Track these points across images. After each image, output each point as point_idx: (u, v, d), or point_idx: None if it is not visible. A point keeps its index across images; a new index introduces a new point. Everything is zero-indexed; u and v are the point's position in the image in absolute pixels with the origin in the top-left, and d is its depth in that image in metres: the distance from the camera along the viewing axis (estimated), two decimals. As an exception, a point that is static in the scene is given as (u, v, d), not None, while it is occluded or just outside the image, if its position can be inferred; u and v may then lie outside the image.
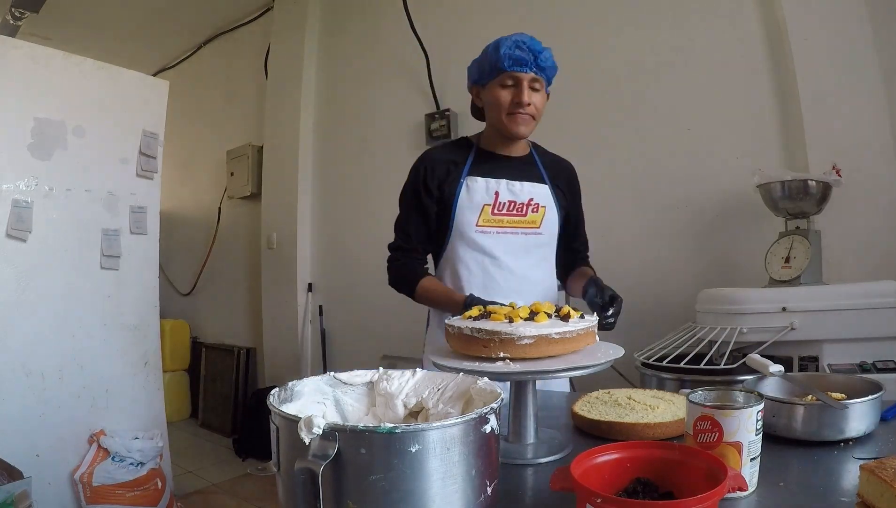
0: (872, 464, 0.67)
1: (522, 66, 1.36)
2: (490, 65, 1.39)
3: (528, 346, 0.92)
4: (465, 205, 1.45)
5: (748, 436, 0.73)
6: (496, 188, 1.45)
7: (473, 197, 1.45)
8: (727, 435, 0.72)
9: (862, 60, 2.02)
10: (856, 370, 1.59)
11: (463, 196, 1.45)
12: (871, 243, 2.01)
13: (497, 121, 1.43)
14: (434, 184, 1.47)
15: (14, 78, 2.21)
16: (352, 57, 3.67)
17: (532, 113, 1.40)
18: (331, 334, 3.71)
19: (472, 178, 1.46)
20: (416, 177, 1.50)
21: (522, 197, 1.47)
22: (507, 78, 1.38)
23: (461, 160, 1.49)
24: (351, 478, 0.60)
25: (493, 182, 1.46)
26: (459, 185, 1.45)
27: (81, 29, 4.10)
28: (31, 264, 2.25)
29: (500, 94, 1.39)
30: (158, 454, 2.53)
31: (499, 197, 1.45)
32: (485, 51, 1.43)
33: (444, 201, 1.47)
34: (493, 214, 1.45)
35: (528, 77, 1.37)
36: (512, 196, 1.46)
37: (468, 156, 1.49)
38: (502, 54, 1.35)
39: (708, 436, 0.73)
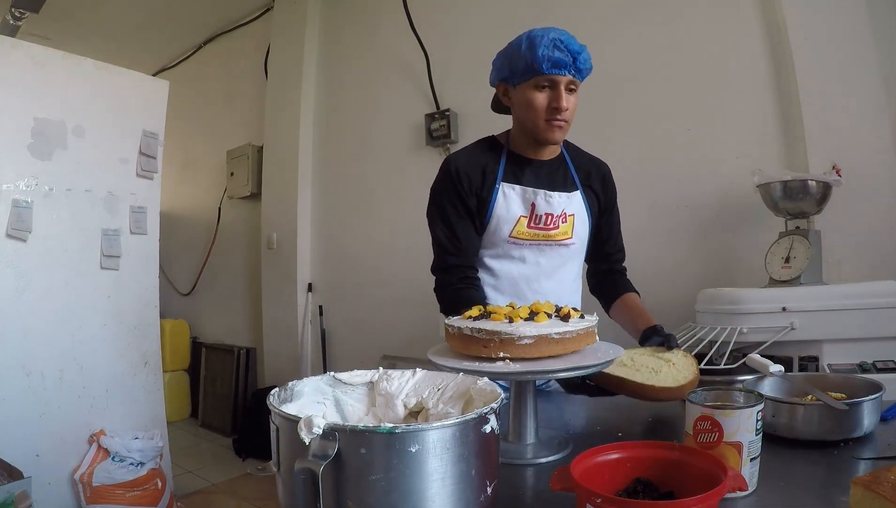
0: (866, 478, 0.64)
1: (561, 68, 1.25)
2: (525, 64, 1.27)
3: (528, 346, 0.92)
4: (503, 215, 1.35)
5: (748, 436, 0.73)
6: (533, 200, 1.36)
7: (510, 206, 1.36)
8: (727, 435, 0.73)
9: (862, 60, 2.02)
10: (856, 370, 1.59)
11: (500, 204, 1.36)
12: (871, 243, 2.01)
13: (532, 125, 1.33)
14: (472, 189, 1.36)
15: (14, 78, 2.21)
16: (352, 57, 3.67)
17: (567, 118, 1.32)
18: (331, 334, 3.71)
19: (508, 185, 1.36)
20: (451, 182, 1.37)
21: (557, 209, 1.38)
22: (542, 80, 1.27)
23: (494, 164, 1.38)
24: (351, 478, 0.60)
25: (531, 192, 1.36)
26: (495, 191, 1.35)
27: (81, 29, 4.10)
28: (31, 264, 2.25)
29: (536, 97, 1.29)
30: (158, 454, 2.53)
31: (535, 209, 1.36)
32: (517, 46, 1.30)
33: (480, 207, 1.37)
34: (528, 226, 1.36)
35: (566, 80, 1.27)
36: (549, 208, 1.37)
37: (500, 159, 1.39)
38: (540, 55, 1.24)
39: (708, 436, 0.74)
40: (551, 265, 1.42)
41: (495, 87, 1.41)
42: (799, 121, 2.13)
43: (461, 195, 1.36)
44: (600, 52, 2.64)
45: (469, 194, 1.36)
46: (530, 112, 1.31)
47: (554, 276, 1.43)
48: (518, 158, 1.40)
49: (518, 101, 1.34)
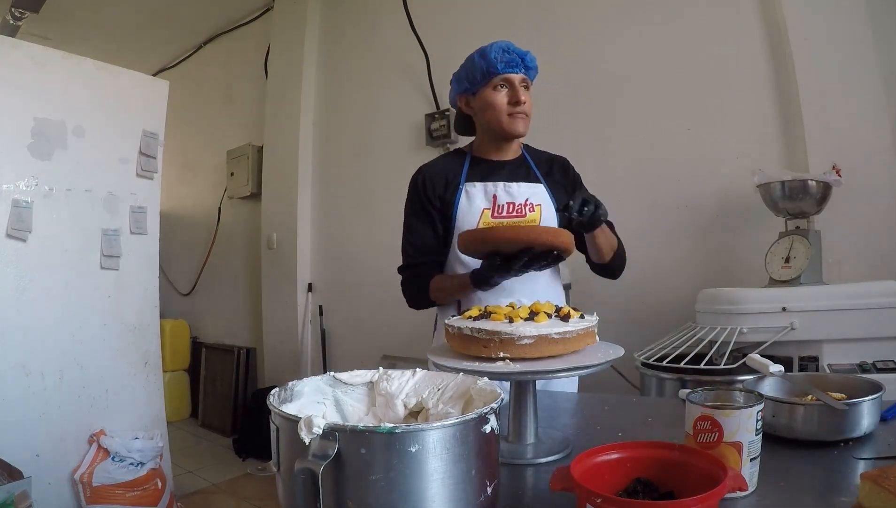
0: (874, 473, 0.65)
1: (514, 67, 1.42)
2: (481, 71, 1.43)
3: (528, 346, 0.92)
4: (465, 211, 1.47)
5: (748, 436, 0.73)
6: (494, 191, 1.48)
7: (473, 202, 1.47)
8: (727, 435, 0.73)
9: (862, 60, 2.02)
10: (856, 370, 1.60)
11: (463, 203, 1.47)
12: (871, 243, 2.01)
13: (496, 123, 1.46)
14: (434, 194, 1.50)
15: (14, 78, 2.21)
16: (352, 57, 3.67)
17: (527, 111, 1.46)
18: (331, 334, 3.71)
19: (469, 183, 1.49)
20: (416, 190, 1.53)
21: (520, 198, 1.48)
22: (499, 81, 1.43)
23: (457, 169, 1.52)
24: (351, 478, 0.60)
25: (491, 185, 1.48)
26: (459, 192, 1.48)
27: (81, 29, 4.10)
28: (31, 264, 2.25)
29: (496, 96, 1.44)
30: (158, 454, 2.53)
31: (497, 200, 1.47)
32: (470, 60, 1.46)
33: (445, 210, 1.49)
34: (493, 217, 1.46)
35: (519, 77, 1.43)
36: (509, 197, 1.47)
37: (463, 164, 1.53)
38: (493, 59, 1.41)
39: (708, 436, 0.73)
40: None
41: (456, 105, 1.55)
42: (799, 121, 2.13)
43: (422, 201, 1.51)
44: (600, 52, 2.66)
45: (432, 198, 1.50)
46: (493, 111, 1.45)
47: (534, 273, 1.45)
48: (481, 161, 1.53)
49: (480, 106, 1.48)
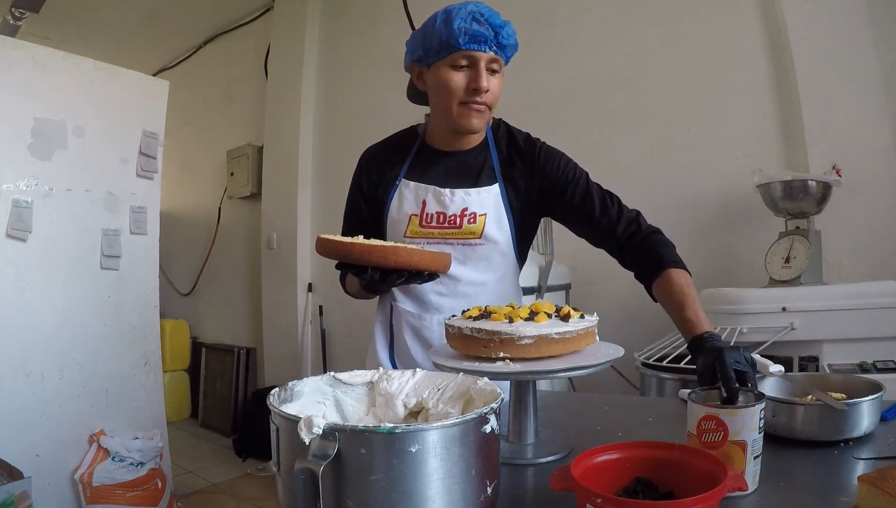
0: (872, 475, 0.64)
1: (481, 43, 1.11)
2: (439, 41, 1.12)
3: (528, 346, 0.92)
4: (395, 213, 1.28)
5: (752, 434, 0.73)
6: (424, 197, 1.25)
7: (402, 205, 1.27)
8: (732, 434, 0.73)
9: (862, 60, 2.02)
10: (856, 370, 1.60)
11: (394, 204, 1.28)
12: (871, 243, 2.01)
13: (445, 111, 1.19)
14: (368, 187, 1.32)
15: (14, 78, 2.21)
16: (352, 57, 3.67)
17: (489, 102, 1.17)
18: (331, 334, 3.71)
19: (405, 182, 1.27)
20: (357, 174, 1.36)
21: (453, 208, 1.23)
22: (460, 58, 1.13)
23: (399, 162, 1.30)
24: (351, 478, 0.60)
25: (423, 189, 1.25)
26: (393, 190, 1.28)
27: (81, 29, 4.10)
28: (31, 264, 2.25)
29: (452, 77, 1.14)
30: (158, 454, 2.53)
31: (426, 207, 1.25)
32: (430, 22, 1.16)
33: (377, 208, 1.31)
34: (421, 225, 1.25)
35: (487, 57, 1.13)
36: (440, 207, 1.23)
37: (408, 155, 1.30)
38: (456, 29, 1.10)
39: (713, 436, 0.73)
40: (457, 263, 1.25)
41: (409, 71, 1.27)
42: (799, 121, 2.13)
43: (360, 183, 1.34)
44: (600, 52, 2.66)
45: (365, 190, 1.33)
46: (445, 95, 1.16)
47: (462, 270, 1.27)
48: (429, 151, 1.29)
49: (432, 83, 1.19)
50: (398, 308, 1.33)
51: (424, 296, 1.29)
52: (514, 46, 1.17)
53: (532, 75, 2.78)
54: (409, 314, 1.31)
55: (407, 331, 1.32)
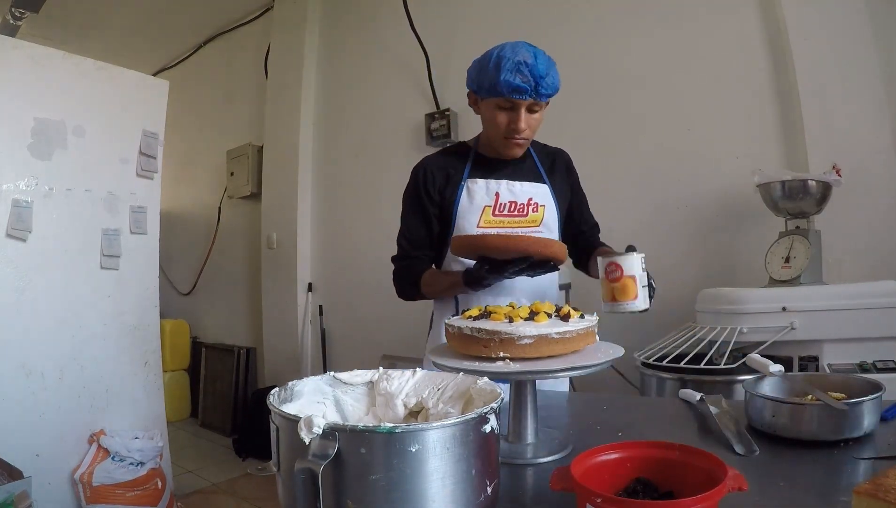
0: (867, 487, 0.62)
1: (522, 94, 1.30)
2: (489, 83, 1.32)
3: (528, 346, 0.92)
4: (466, 208, 1.43)
5: (638, 272, 1.11)
6: (496, 189, 1.44)
7: (474, 199, 1.43)
8: (626, 271, 1.10)
9: (862, 60, 2.02)
10: (856, 370, 1.60)
11: (464, 199, 1.44)
12: (871, 243, 2.01)
13: (493, 139, 1.42)
14: (434, 189, 1.46)
15: (14, 78, 2.21)
16: (352, 57, 3.67)
17: (528, 136, 1.39)
18: (331, 334, 3.71)
19: (472, 180, 1.45)
20: (416, 184, 1.49)
21: (522, 197, 1.45)
22: (504, 101, 1.33)
23: (460, 165, 1.47)
24: (351, 478, 0.60)
25: (494, 183, 1.44)
26: (460, 188, 1.44)
27: (81, 29, 4.10)
28: (31, 264, 2.25)
29: (497, 116, 1.36)
30: (158, 454, 2.53)
31: (499, 198, 1.44)
32: (486, 62, 1.34)
33: (445, 206, 1.45)
34: (494, 215, 1.43)
35: (527, 103, 1.33)
36: (512, 196, 1.44)
37: (467, 160, 1.48)
38: (502, 80, 1.28)
39: (615, 273, 1.11)
40: None
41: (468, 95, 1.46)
42: (799, 121, 2.13)
43: (421, 195, 1.47)
44: (600, 52, 2.66)
45: (432, 193, 1.46)
46: (492, 128, 1.39)
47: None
48: (484, 159, 1.48)
49: (483, 113, 1.42)
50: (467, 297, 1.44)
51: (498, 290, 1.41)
52: (553, 91, 1.34)
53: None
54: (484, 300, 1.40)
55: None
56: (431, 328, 1.59)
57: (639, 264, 1.11)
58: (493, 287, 1.39)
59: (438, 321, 1.55)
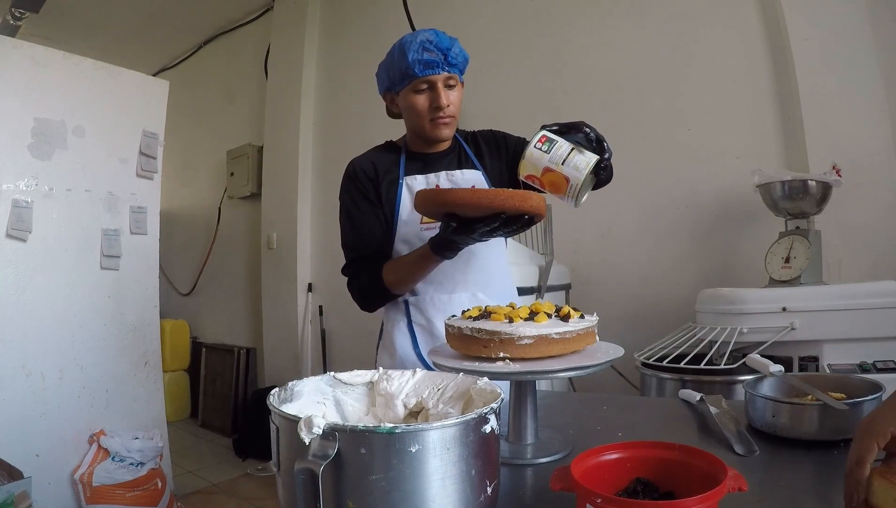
0: (882, 468, 0.64)
1: (434, 68, 1.29)
2: (400, 72, 1.31)
3: (528, 346, 0.92)
4: (408, 208, 1.36)
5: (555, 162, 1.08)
6: (436, 182, 1.38)
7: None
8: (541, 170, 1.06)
9: (862, 60, 2.02)
10: (856, 370, 1.60)
11: (405, 199, 1.37)
12: (871, 243, 2.01)
13: (419, 128, 1.37)
14: (370, 185, 1.40)
15: (14, 78, 2.21)
16: (352, 57, 3.67)
17: (452, 113, 1.35)
18: (331, 334, 3.71)
19: (410, 177, 1.39)
20: (353, 182, 1.42)
21: (465, 185, 1.38)
22: (420, 83, 1.31)
23: (394, 164, 1.42)
24: (351, 478, 0.60)
25: (433, 176, 1.39)
26: (399, 187, 1.38)
27: (81, 29, 4.10)
28: (31, 264, 2.25)
29: (417, 100, 1.33)
30: (158, 454, 2.53)
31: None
32: (390, 55, 1.35)
33: (385, 206, 1.39)
34: None
35: (442, 77, 1.31)
36: (454, 185, 1.38)
37: (399, 159, 1.42)
38: (411, 60, 1.28)
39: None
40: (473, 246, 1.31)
41: (384, 98, 1.44)
42: (799, 121, 2.13)
43: (361, 190, 1.40)
44: (600, 52, 2.66)
45: (368, 187, 1.40)
46: (414, 116, 1.35)
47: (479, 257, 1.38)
48: (417, 155, 1.44)
49: (403, 106, 1.38)
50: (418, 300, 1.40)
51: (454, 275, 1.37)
52: (464, 61, 1.34)
53: (533, 76, 2.79)
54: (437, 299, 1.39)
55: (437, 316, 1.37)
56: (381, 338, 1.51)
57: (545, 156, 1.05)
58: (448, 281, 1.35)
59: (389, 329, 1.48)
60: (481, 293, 1.39)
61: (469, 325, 0.97)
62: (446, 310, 1.36)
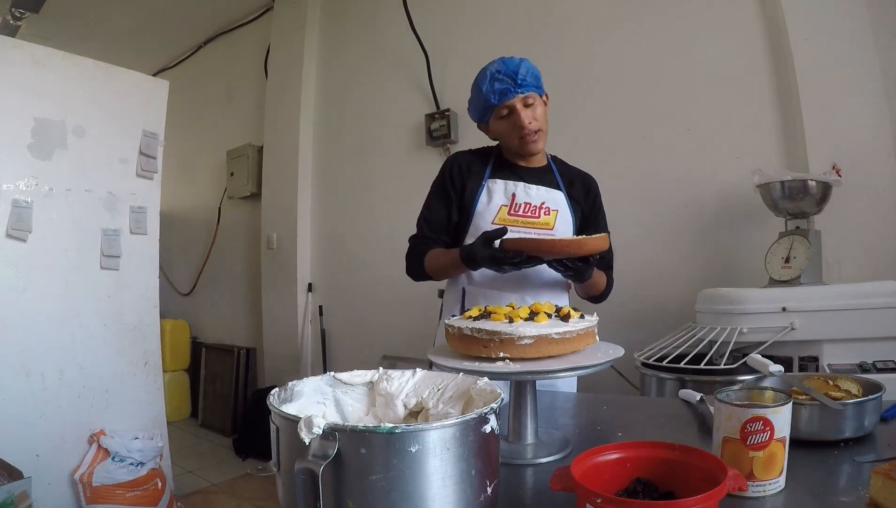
0: (886, 468, 0.65)
1: (507, 94, 1.42)
2: (482, 105, 1.47)
3: (528, 346, 0.92)
4: (484, 205, 1.51)
5: (787, 430, 0.75)
6: (514, 190, 1.51)
7: (492, 198, 1.51)
8: (777, 432, 0.73)
9: (862, 60, 2.02)
10: (856, 370, 1.60)
11: (483, 198, 1.51)
12: (871, 243, 2.01)
13: (512, 147, 1.51)
14: (459, 179, 1.54)
15: (14, 78, 2.21)
16: (352, 57, 3.67)
17: (537, 128, 1.46)
18: (331, 334, 3.71)
19: (492, 180, 1.53)
20: (444, 173, 1.57)
21: (536, 200, 1.51)
22: (500, 110, 1.45)
23: (484, 165, 1.56)
24: (351, 478, 0.60)
25: (512, 184, 1.52)
26: (481, 187, 1.52)
27: (81, 29, 4.10)
28: (31, 264, 2.25)
29: (503, 125, 1.47)
30: (158, 454, 2.53)
31: (515, 198, 1.51)
32: (472, 92, 1.51)
33: (466, 200, 1.53)
34: (509, 214, 1.50)
35: (518, 99, 1.43)
36: (527, 198, 1.51)
37: (490, 161, 1.56)
38: (486, 92, 1.43)
39: (759, 437, 0.73)
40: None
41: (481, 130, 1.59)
42: (799, 121, 2.13)
43: (446, 184, 1.55)
44: (600, 52, 2.66)
45: (457, 184, 1.54)
46: (506, 138, 1.51)
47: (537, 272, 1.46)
48: (506, 162, 1.57)
49: (494, 132, 1.53)
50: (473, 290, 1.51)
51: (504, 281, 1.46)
52: (535, 78, 1.46)
53: (532, 75, 2.79)
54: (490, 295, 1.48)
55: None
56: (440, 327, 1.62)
57: (789, 417, 0.76)
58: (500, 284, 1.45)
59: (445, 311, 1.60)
60: (530, 299, 1.45)
61: (469, 325, 0.97)
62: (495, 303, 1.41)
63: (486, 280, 1.48)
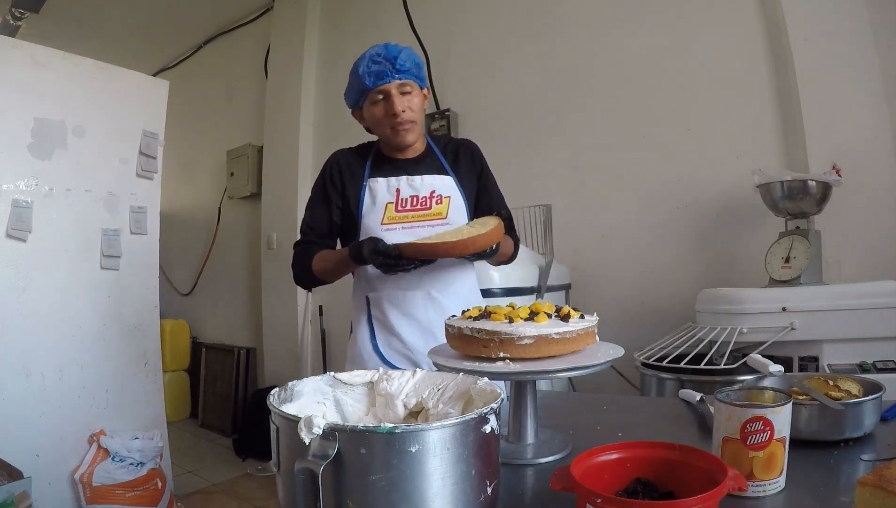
0: (871, 478, 0.63)
1: (383, 77, 1.37)
2: (357, 89, 1.42)
3: (528, 346, 0.92)
4: (369, 206, 1.45)
5: (787, 430, 0.75)
6: (396, 185, 1.45)
7: (376, 197, 1.45)
8: (777, 432, 0.73)
9: (862, 60, 2.02)
10: (856, 370, 1.60)
11: (367, 199, 1.46)
12: (871, 243, 2.01)
13: (384, 136, 1.46)
14: (339, 181, 1.48)
15: (14, 78, 2.21)
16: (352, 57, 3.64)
17: (411, 118, 1.41)
18: (331, 334, 3.70)
19: (372, 179, 1.47)
20: (323, 173, 1.52)
21: (424, 190, 1.45)
22: (375, 94, 1.39)
23: (362, 164, 1.50)
24: (351, 478, 0.60)
25: (394, 180, 1.46)
26: (362, 187, 1.47)
27: (81, 29, 4.09)
28: (31, 264, 2.25)
29: (375, 111, 1.42)
30: (158, 454, 2.53)
31: (400, 194, 1.45)
32: (350, 76, 1.45)
33: (349, 204, 1.47)
34: (396, 211, 1.44)
35: (395, 85, 1.38)
36: (413, 191, 1.45)
37: (368, 159, 1.51)
38: (361, 74, 1.38)
39: (759, 437, 0.73)
40: None
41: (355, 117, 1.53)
42: (799, 121, 2.13)
43: (327, 187, 1.50)
44: (601, 52, 2.66)
45: (338, 186, 1.48)
46: (376, 125, 1.45)
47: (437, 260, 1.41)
48: (384, 158, 1.51)
49: (368, 119, 1.47)
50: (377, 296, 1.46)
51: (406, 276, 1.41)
52: (416, 66, 1.42)
53: (532, 75, 2.79)
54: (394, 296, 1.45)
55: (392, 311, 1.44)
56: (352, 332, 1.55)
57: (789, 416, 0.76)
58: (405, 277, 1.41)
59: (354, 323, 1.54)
60: (436, 292, 1.43)
61: (469, 325, 0.97)
62: (401, 306, 1.44)
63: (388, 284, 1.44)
